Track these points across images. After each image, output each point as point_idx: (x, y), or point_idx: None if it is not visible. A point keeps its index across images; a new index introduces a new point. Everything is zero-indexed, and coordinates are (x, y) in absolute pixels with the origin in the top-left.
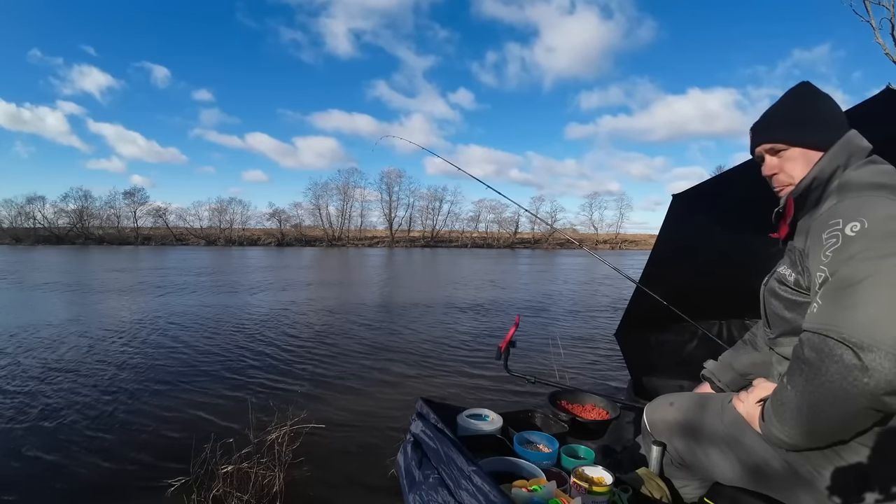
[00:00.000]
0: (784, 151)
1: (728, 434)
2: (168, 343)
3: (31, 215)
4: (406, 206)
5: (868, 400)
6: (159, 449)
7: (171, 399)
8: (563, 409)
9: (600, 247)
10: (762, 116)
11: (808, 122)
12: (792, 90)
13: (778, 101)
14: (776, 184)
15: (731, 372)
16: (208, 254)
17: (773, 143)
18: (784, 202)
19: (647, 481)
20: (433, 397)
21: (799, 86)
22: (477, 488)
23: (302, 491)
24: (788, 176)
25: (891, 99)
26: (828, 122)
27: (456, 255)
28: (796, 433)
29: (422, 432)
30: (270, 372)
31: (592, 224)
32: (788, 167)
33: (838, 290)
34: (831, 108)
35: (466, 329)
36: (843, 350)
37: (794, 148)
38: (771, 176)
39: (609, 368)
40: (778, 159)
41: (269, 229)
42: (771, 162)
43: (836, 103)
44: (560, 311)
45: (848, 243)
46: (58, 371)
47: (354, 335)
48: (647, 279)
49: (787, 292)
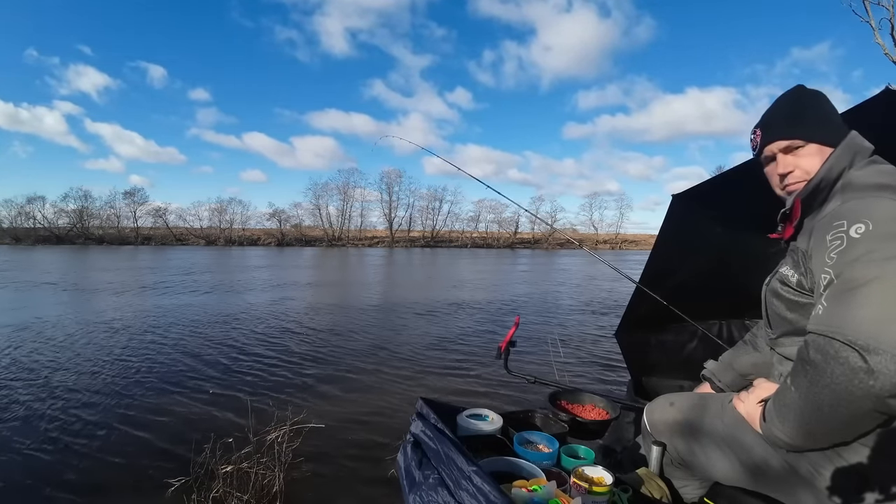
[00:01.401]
0: (801, 148)
1: (728, 434)
2: (167, 343)
3: (31, 215)
4: (406, 206)
5: (873, 402)
6: (159, 449)
7: (171, 399)
8: (563, 409)
9: (600, 247)
10: (769, 116)
11: (821, 119)
12: (792, 91)
13: (782, 102)
14: (790, 180)
15: (731, 372)
16: (208, 254)
17: (790, 139)
18: (791, 203)
19: (647, 481)
20: (433, 397)
21: (796, 88)
22: (477, 488)
23: (302, 491)
24: (805, 172)
25: (890, 99)
26: (834, 120)
27: (456, 255)
28: (798, 434)
29: (422, 432)
30: (270, 372)
31: (592, 224)
32: (805, 163)
33: (843, 292)
34: (832, 106)
35: (466, 329)
36: (849, 352)
37: (811, 144)
38: (785, 174)
39: (609, 368)
40: (793, 157)
41: (269, 229)
42: (785, 160)
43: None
44: (560, 311)
45: (853, 245)
46: (57, 371)
47: (354, 335)
48: (647, 279)
49: (790, 293)
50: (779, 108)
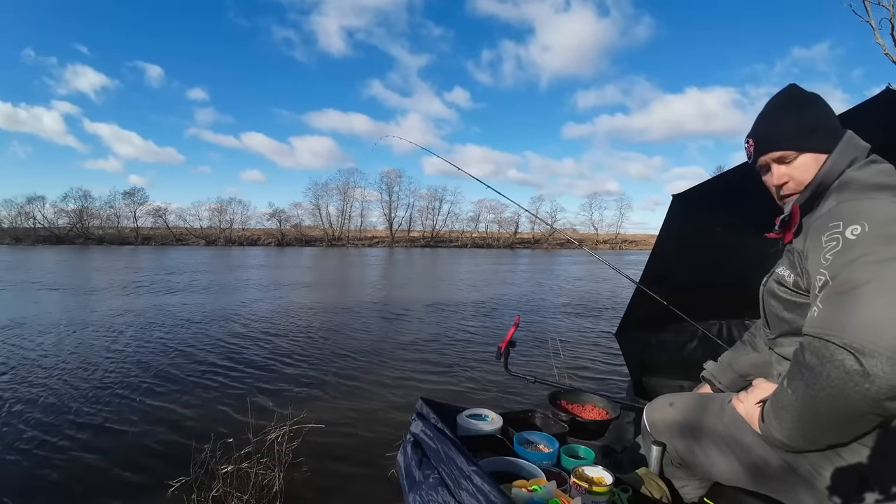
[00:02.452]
0: (794, 160)
1: (728, 434)
2: (167, 343)
3: (31, 215)
4: (406, 206)
5: (869, 405)
6: (159, 449)
7: (171, 399)
8: (563, 409)
9: (600, 247)
10: (760, 125)
11: (813, 128)
12: (783, 94)
13: (772, 107)
14: (785, 191)
15: (730, 373)
16: (208, 254)
17: (782, 151)
18: (790, 210)
19: (647, 481)
20: (433, 397)
21: (788, 89)
22: (477, 488)
23: (302, 491)
24: (799, 183)
25: (891, 99)
26: (827, 124)
27: (456, 255)
28: (796, 435)
29: (422, 432)
30: (270, 372)
31: (592, 224)
32: (798, 174)
33: (839, 294)
34: (826, 108)
35: (466, 329)
36: (845, 355)
37: (805, 154)
38: (780, 185)
39: (609, 368)
40: (787, 167)
41: (269, 229)
42: (779, 171)
43: (826, 102)
44: (560, 312)
45: (848, 247)
46: (57, 372)
47: (354, 335)
48: (648, 279)
49: (786, 293)
50: (769, 117)
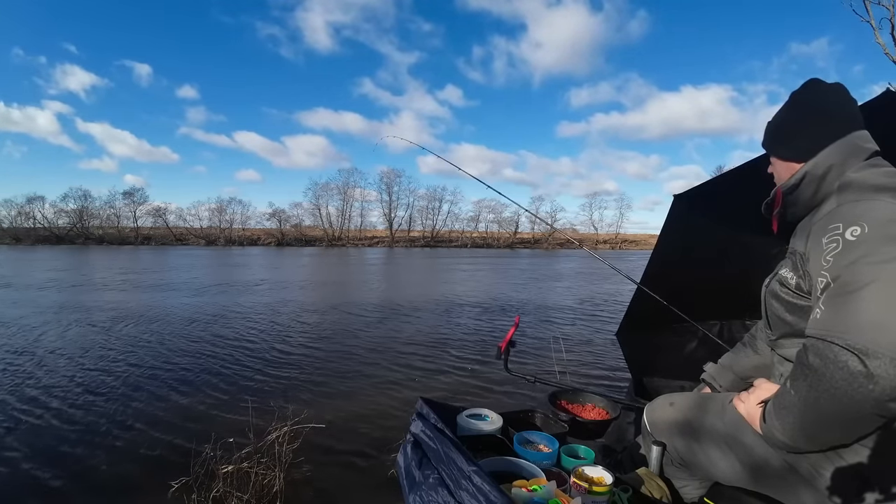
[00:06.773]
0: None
1: (728, 434)
2: (167, 343)
3: (30, 215)
4: (406, 206)
5: (873, 406)
6: (159, 449)
7: (171, 399)
8: (563, 409)
9: (600, 247)
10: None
11: (787, 136)
12: (795, 93)
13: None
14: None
15: (730, 375)
16: (208, 253)
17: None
18: (773, 192)
19: (647, 481)
20: (433, 397)
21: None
22: (477, 488)
23: (302, 491)
24: (779, 179)
25: (891, 101)
26: (812, 133)
27: (456, 255)
28: (798, 436)
29: (422, 432)
30: (270, 372)
31: (592, 224)
32: (778, 172)
33: (841, 296)
34: (825, 113)
35: (466, 329)
36: (848, 356)
37: (774, 158)
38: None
39: (609, 368)
40: (773, 161)
41: (269, 229)
42: (773, 162)
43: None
44: (560, 311)
45: (849, 248)
46: (56, 372)
47: (354, 335)
48: (648, 279)
49: (789, 295)
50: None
